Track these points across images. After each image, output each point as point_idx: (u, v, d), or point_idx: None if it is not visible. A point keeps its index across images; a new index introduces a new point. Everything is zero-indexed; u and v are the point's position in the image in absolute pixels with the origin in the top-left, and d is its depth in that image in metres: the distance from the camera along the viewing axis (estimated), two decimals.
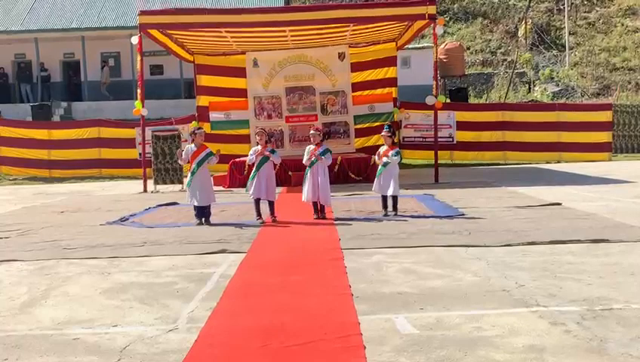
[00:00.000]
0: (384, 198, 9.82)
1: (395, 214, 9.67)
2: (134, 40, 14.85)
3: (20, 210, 12.28)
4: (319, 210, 9.69)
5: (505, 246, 7.17)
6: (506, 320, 4.52)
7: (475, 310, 4.79)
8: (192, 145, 9.75)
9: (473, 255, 6.75)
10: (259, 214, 9.54)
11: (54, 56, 27.93)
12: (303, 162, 9.76)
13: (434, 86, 15.12)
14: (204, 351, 4.14)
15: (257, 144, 9.89)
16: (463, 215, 9.53)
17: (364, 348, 4.04)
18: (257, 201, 9.58)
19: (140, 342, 4.35)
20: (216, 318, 4.81)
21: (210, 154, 9.64)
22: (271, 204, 9.64)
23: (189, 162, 9.67)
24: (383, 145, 9.95)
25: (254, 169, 9.62)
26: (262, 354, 4.02)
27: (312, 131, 9.88)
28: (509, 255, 6.70)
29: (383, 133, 9.98)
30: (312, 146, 9.74)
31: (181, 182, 14.98)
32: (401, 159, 10.16)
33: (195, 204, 9.55)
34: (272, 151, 9.72)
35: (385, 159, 9.69)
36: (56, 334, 4.60)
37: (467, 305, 4.95)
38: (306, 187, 9.63)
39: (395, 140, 13.43)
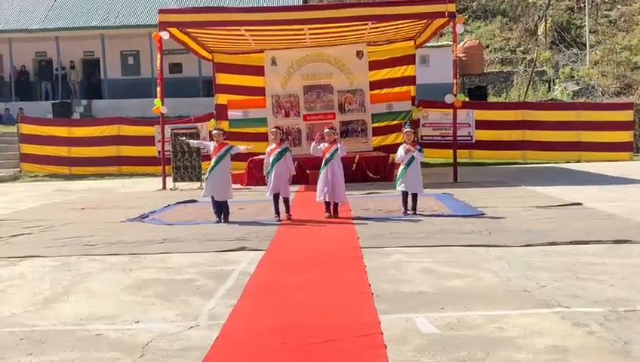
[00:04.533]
0: (405, 196, 9.80)
1: (414, 213, 9.65)
2: (165, 35, 14.85)
3: (41, 207, 12.42)
4: (333, 209, 9.69)
5: (525, 246, 7.11)
6: (527, 321, 4.49)
7: (496, 310, 4.76)
8: (213, 142, 9.86)
9: (493, 255, 6.72)
10: (277, 212, 9.58)
11: (74, 55, 28.20)
12: (312, 149, 9.77)
13: (453, 84, 15.03)
14: (226, 348, 4.17)
15: (272, 142, 9.90)
16: (483, 214, 9.49)
17: (385, 347, 4.03)
18: (276, 198, 9.60)
19: (162, 339, 4.39)
20: (237, 316, 4.83)
21: (230, 148, 9.69)
22: (285, 201, 9.66)
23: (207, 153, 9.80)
24: (403, 143, 9.93)
25: (269, 167, 9.65)
26: (282, 352, 4.04)
27: (326, 129, 9.87)
28: (530, 255, 6.66)
29: (406, 130, 9.95)
30: (326, 144, 9.73)
31: (200, 180, 15.06)
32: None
33: (207, 194, 9.59)
34: (285, 150, 9.70)
35: (412, 155, 9.63)
36: (79, 330, 4.66)
37: (488, 305, 4.92)
38: (320, 186, 9.65)
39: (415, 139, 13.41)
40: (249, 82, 18.69)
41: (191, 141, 10.29)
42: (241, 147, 9.82)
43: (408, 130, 9.88)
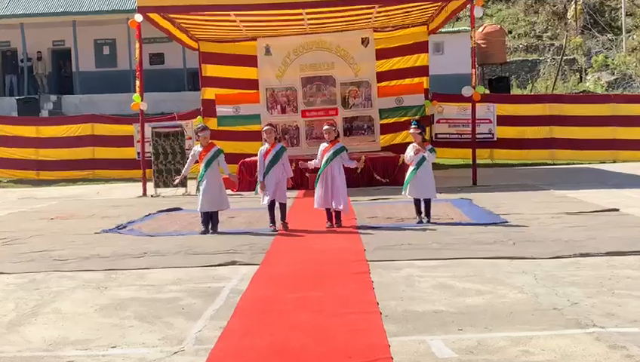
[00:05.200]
0: (418, 203, 9.83)
1: (428, 221, 9.67)
2: (139, 18, 14.83)
3: (6, 217, 12.44)
4: (335, 217, 9.71)
5: (554, 258, 7.13)
6: (557, 343, 4.48)
7: (521, 331, 4.76)
8: (198, 146, 9.86)
9: (518, 268, 6.73)
10: (273, 221, 9.60)
11: (42, 44, 28.21)
12: (309, 163, 9.84)
13: (471, 75, 15.06)
14: None
15: (265, 142, 9.90)
16: (506, 222, 9.51)
17: None
18: (271, 206, 9.63)
19: None
20: (227, 339, 4.83)
21: (220, 151, 9.72)
22: (282, 207, 9.69)
23: (197, 162, 9.78)
24: (412, 143, 9.95)
25: (265, 171, 9.65)
26: None
27: (325, 126, 9.91)
28: (560, 268, 6.66)
29: (411, 130, 9.96)
30: (325, 144, 9.78)
31: (185, 185, 15.09)
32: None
33: (203, 209, 9.62)
34: (281, 151, 9.72)
35: (422, 155, 9.66)
36: (48, 356, 4.65)
37: (512, 325, 4.91)
38: (319, 191, 9.67)
39: (426, 137, 13.37)
40: (240, 74, 18.76)
41: (184, 171, 10.29)
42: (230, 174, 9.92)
43: (414, 130, 9.84)
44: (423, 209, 9.80)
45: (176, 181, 10.87)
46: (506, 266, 6.84)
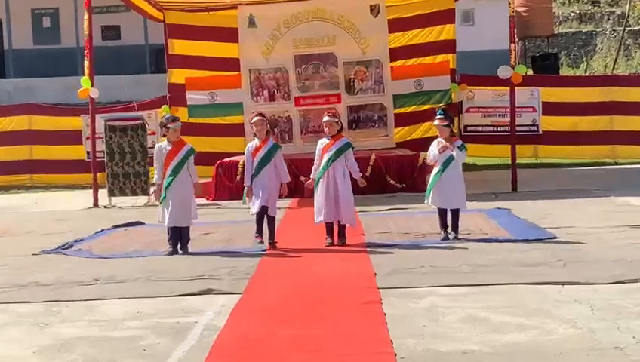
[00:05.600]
0: (443, 214, 9.83)
1: (456, 237, 9.67)
2: None
3: None
4: (338, 232, 9.72)
5: (616, 283, 7.13)
6: None
7: None
8: (165, 143, 9.79)
9: (570, 296, 6.72)
10: (259, 230, 9.64)
11: None
12: (312, 175, 9.83)
13: (510, 51, 15.03)
14: None
15: (254, 137, 9.89)
16: (555, 238, 9.53)
17: None
18: (261, 216, 9.65)
19: None
20: None
21: (192, 152, 9.72)
22: (270, 221, 9.71)
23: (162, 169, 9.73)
24: (438, 138, 9.94)
25: (252, 173, 9.66)
26: None
27: (325, 117, 9.89)
28: (623, 296, 6.65)
29: (436, 122, 9.93)
30: (326, 140, 9.77)
31: (147, 193, 15.05)
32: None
33: (170, 224, 9.61)
34: (275, 149, 9.75)
35: (450, 153, 9.66)
36: None
37: None
38: (319, 201, 9.67)
39: (455, 130, 13.30)
40: (216, 52, 18.66)
41: (156, 179, 10.01)
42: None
43: (438, 121, 9.82)
44: (449, 222, 9.79)
45: (153, 196, 10.50)
46: (554, 294, 6.83)
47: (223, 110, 18.65)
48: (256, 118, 9.89)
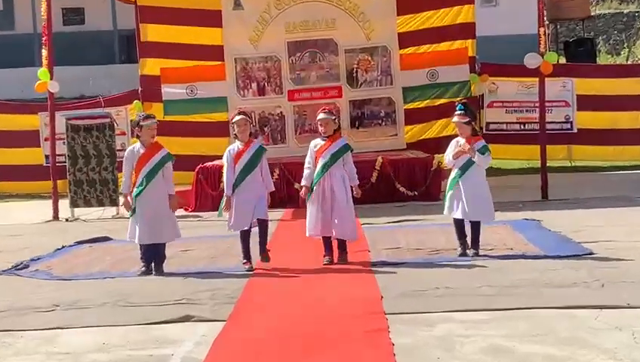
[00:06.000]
0: (461, 226, 9.79)
1: (476, 253, 9.64)
2: None
3: None
4: (338, 248, 9.68)
5: None
6: None
7: None
8: (138, 144, 9.75)
9: (609, 322, 6.69)
10: (246, 255, 9.57)
11: None
12: (302, 181, 9.77)
13: (539, 36, 15.02)
14: None
15: (236, 138, 9.86)
16: (591, 254, 9.50)
17: None
18: (244, 234, 9.60)
19: None
20: None
21: (168, 158, 9.64)
22: (262, 229, 9.68)
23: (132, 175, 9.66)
24: (457, 137, 9.90)
25: (234, 180, 9.58)
26: None
27: (320, 114, 9.84)
28: None
29: (455, 118, 9.86)
30: (320, 142, 9.70)
31: (115, 203, 15.04)
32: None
33: (142, 242, 9.58)
34: (260, 152, 9.70)
35: (468, 157, 9.60)
36: None
37: None
38: (312, 212, 9.65)
39: (477, 128, 13.25)
40: (196, 38, 18.69)
41: (123, 188, 9.85)
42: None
43: (459, 118, 9.73)
44: (468, 235, 9.75)
45: (127, 208, 10.30)
46: (590, 319, 6.79)
47: (204, 106, 18.66)
48: (238, 118, 9.80)
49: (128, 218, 9.84)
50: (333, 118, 9.85)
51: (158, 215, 9.54)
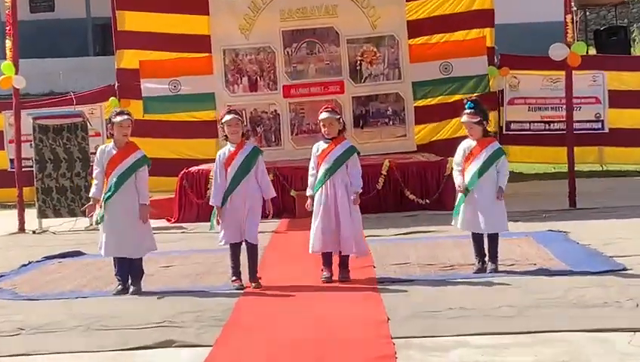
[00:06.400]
0: (479, 239, 9.83)
1: (495, 269, 9.66)
2: None
3: None
4: (339, 264, 9.72)
5: None
6: None
7: None
8: (110, 144, 9.77)
9: None
10: (236, 271, 9.60)
11: None
12: (308, 191, 9.85)
13: (565, 24, 15.08)
14: None
15: (226, 140, 9.88)
16: (624, 270, 9.49)
17: None
18: (235, 248, 9.64)
19: None
20: None
21: (143, 161, 9.67)
22: (252, 251, 9.68)
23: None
24: (467, 138, 9.95)
25: (224, 188, 9.63)
26: None
27: (323, 114, 9.79)
28: None
29: (464, 118, 9.85)
30: (323, 145, 9.76)
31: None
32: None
33: (109, 254, 9.65)
34: (255, 155, 9.72)
35: (476, 166, 9.67)
36: None
37: None
38: (318, 224, 9.66)
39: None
40: (180, 27, 18.64)
41: (93, 192, 9.92)
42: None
43: (469, 117, 9.75)
44: (486, 249, 9.80)
45: (88, 212, 10.51)
46: (623, 344, 6.77)
47: (188, 103, 18.59)
48: (229, 117, 9.73)
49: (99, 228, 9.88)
50: (338, 117, 9.81)
51: (127, 225, 9.52)
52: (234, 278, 9.59)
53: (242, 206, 9.55)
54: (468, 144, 9.85)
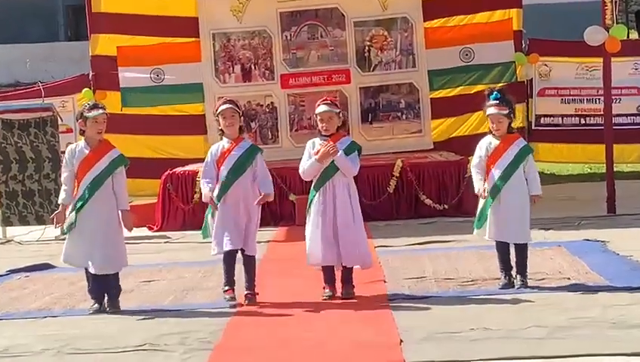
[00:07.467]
0: (504, 250, 9.80)
1: (523, 284, 9.65)
2: None
3: None
4: (342, 279, 9.70)
5: None
6: None
7: None
8: (82, 143, 9.73)
9: None
10: (229, 280, 9.58)
11: None
12: (301, 174, 9.81)
13: (602, 5, 15.05)
14: None
15: (221, 134, 9.86)
16: None
17: None
18: (229, 257, 9.60)
19: None
20: None
21: (120, 162, 9.64)
22: (248, 262, 9.67)
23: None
24: (488, 134, 9.91)
25: (217, 192, 9.59)
26: None
27: (322, 107, 9.77)
28: None
29: (489, 110, 9.78)
30: (320, 141, 9.70)
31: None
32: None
33: (73, 263, 9.66)
34: (253, 152, 9.69)
35: (501, 167, 9.63)
36: None
37: None
38: (315, 232, 9.63)
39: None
40: (163, 7, 18.78)
41: (62, 198, 9.86)
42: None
43: (498, 108, 9.68)
44: (513, 261, 9.76)
45: (57, 221, 10.38)
46: None
47: (173, 95, 18.74)
48: (224, 107, 9.75)
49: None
50: (337, 111, 9.75)
51: (101, 236, 9.46)
52: (227, 288, 9.53)
53: (237, 210, 9.53)
54: (489, 141, 9.79)
